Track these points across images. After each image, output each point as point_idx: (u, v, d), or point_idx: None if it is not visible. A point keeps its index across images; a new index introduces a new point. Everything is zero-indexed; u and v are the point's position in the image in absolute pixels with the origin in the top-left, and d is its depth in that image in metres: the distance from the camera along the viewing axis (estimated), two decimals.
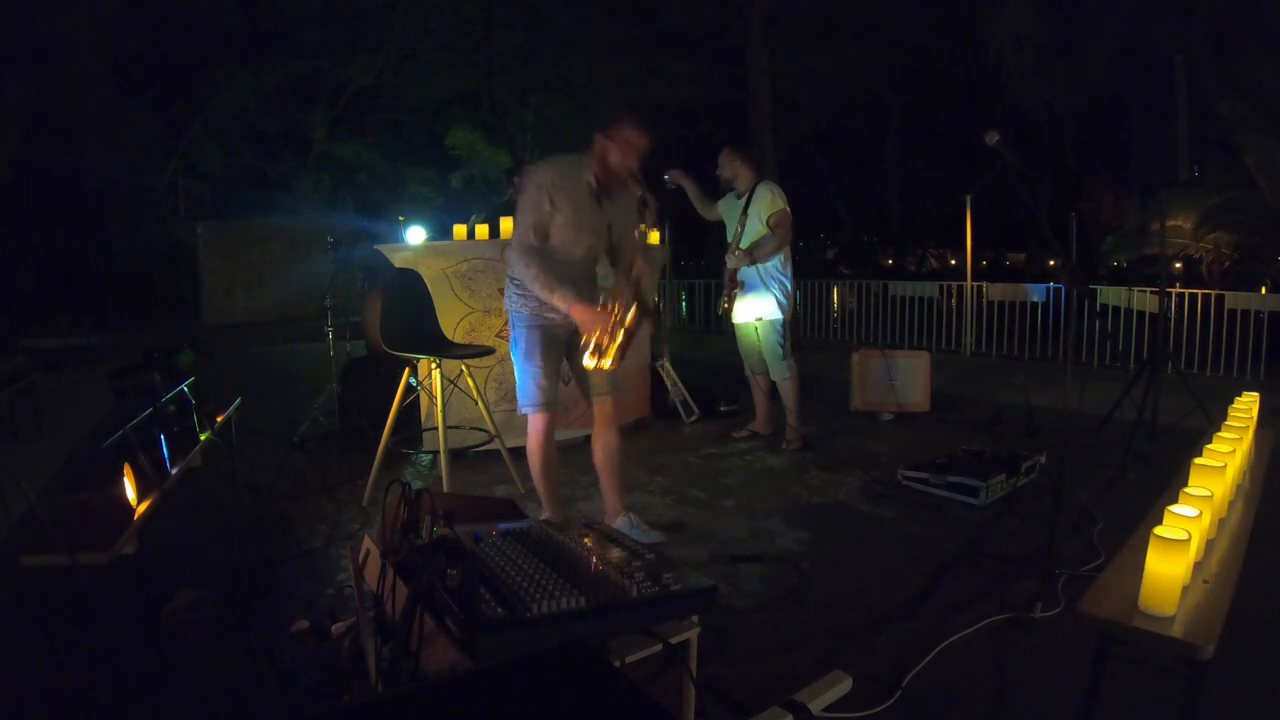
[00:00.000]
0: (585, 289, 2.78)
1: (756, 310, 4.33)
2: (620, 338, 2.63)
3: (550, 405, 2.77)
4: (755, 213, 4.27)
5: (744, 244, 4.28)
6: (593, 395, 2.88)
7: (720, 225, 4.55)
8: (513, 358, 2.86)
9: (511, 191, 5.24)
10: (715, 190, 4.60)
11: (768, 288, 4.28)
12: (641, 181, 2.72)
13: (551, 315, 2.77)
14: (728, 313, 4.51)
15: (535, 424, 2.78)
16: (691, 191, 4.45)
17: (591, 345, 2.67)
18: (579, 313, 2.63)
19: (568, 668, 0.93)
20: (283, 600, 2.53)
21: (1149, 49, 7.71)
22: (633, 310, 2.62)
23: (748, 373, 4.63)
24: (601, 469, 2.95)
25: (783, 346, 4.33)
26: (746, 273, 4.33)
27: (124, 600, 2.43)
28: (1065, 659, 2.06)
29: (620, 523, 2.86)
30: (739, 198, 4.37)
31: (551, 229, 2.71)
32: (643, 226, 2.75)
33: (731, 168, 4.35)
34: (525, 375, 2.78)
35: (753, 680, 2.02)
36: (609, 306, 2.66)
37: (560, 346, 2.84)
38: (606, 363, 2.66)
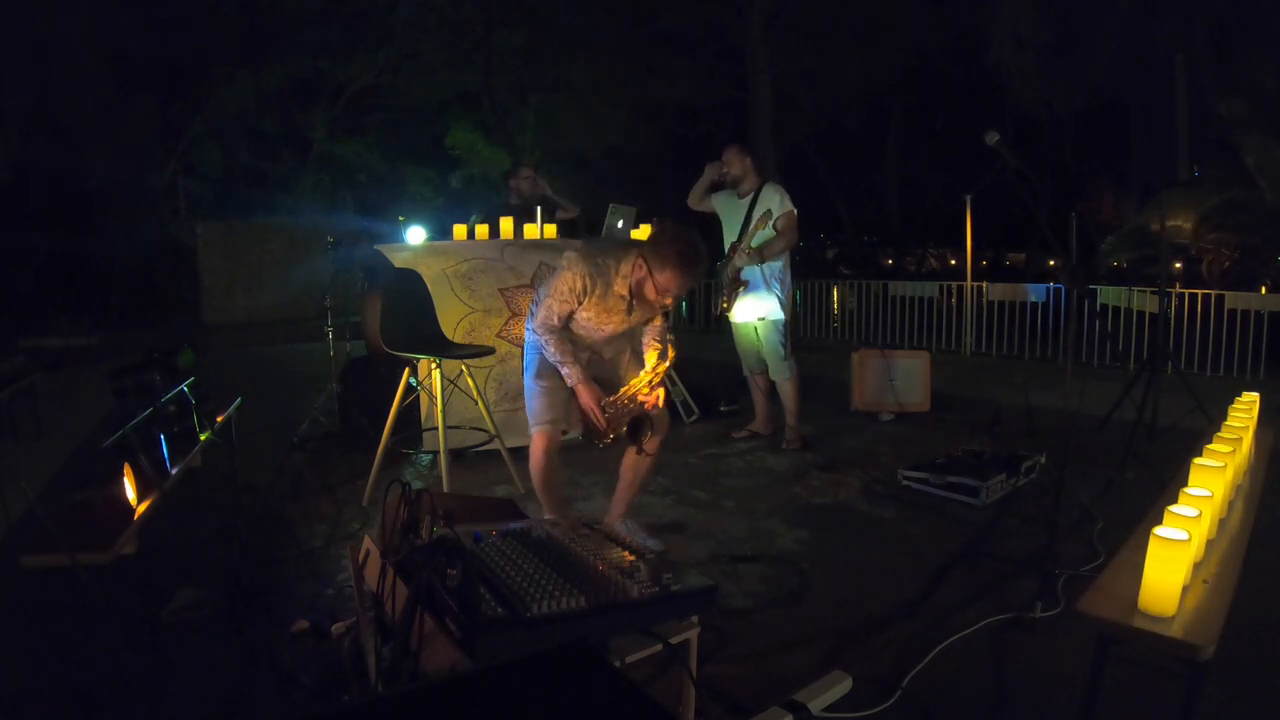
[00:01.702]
0: (606, 359, 2.88)
1: (758, 310, 4.33)
2: (610, 439, 2.73)
3: (554, 423, 2.76)
4: (760, 214, 4.27)
5: (754, 244, 4.28)
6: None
7: (718, 223, 4.55)
8: (524, 379, 2.86)
9: (509, 197, 5.23)
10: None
11: (769, 288, 4.28)
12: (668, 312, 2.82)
13: None
14: (725, 313, 4.51)
15: (538, 440, 2.76)
16: (706, 182, 4.45)
17: (588, 424, 2.75)
18: (582, 394, 2.68)
19: (568, 668, 0.93)
20: (283, 600, 2.53)
21: (1149, 49, 7.71)
22: (643, 415, 2.71)
23: (746, 373, 4.63)
24: (623, 479, 2.96)
25: (784, 346, 4.33)
26: (749, 273, 4.32)
27: (124, 600, 2.43)
28: (1065, 659, 2.06)
29: (617, 526, 2.86)
30: (741, 197, 4.36)
31: (579, 313, 2.74)
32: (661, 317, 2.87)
33: (742, 166, 4.35)
34: (532, 393, 2.79)
35: (753, 680, 2.02)
36: (618, 401, 2.73)
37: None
38: (600, 442, 2.76)
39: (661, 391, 2.79)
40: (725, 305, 4.47)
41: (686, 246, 2.52)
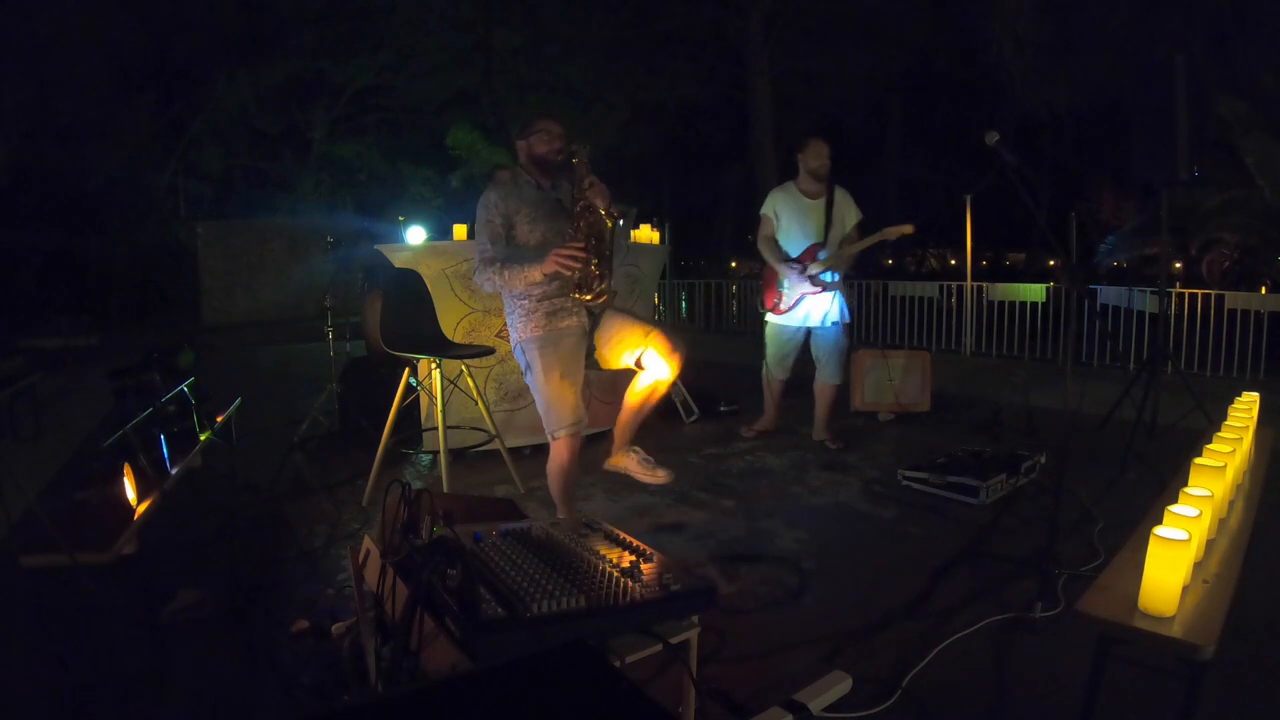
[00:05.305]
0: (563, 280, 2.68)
1: (831, 314, 4.26)
2: (596, 263, 2.60)
3: (577, 425, 2.64)
4: (840, 217, 4.25)
5: (835, 247, 4.23)
6: (640, 342, 2.68)
7: (723, 224, 4.54)
8: (529, 385, 2.72)
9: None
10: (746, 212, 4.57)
11: (840, 290, 4.27)
12: (576, 161, 2.69)
13: (565, 322, 2.67)
14: (773, 313, 4.36)
15: (562, 448, 2.64)
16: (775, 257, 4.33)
17: (577, 280, 2.61)
18: (554, 258, 2.50)
19: (568, 668, 0.93)
20: (283, 600, 2.53)
21: (1149, 49, 7.71)
22: (600, 217, 2.60)
23: (766, 376, 4.52)
24: (630, 404, 2.73)
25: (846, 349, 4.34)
26: (827, 276, 4.24)
27: (124, 600, 2.43)
28: (1065, 659, 2.06)
29: (630, 457, 2.74)
30: (812, 198, 4.28)
31: (518, 235, 2.69)
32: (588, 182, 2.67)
33: (824, 159, 4.31)
34: (548, 399, 2.64)
35: (753, 680, 2.02)
36: (575, 233, 2.61)
37: (579, 354, 2.71)
38: (600, 289, 2.63)
39: (600, 191, 2.64)
40: (778, 307, 4.33)
41: (535, 108, 2.67)
